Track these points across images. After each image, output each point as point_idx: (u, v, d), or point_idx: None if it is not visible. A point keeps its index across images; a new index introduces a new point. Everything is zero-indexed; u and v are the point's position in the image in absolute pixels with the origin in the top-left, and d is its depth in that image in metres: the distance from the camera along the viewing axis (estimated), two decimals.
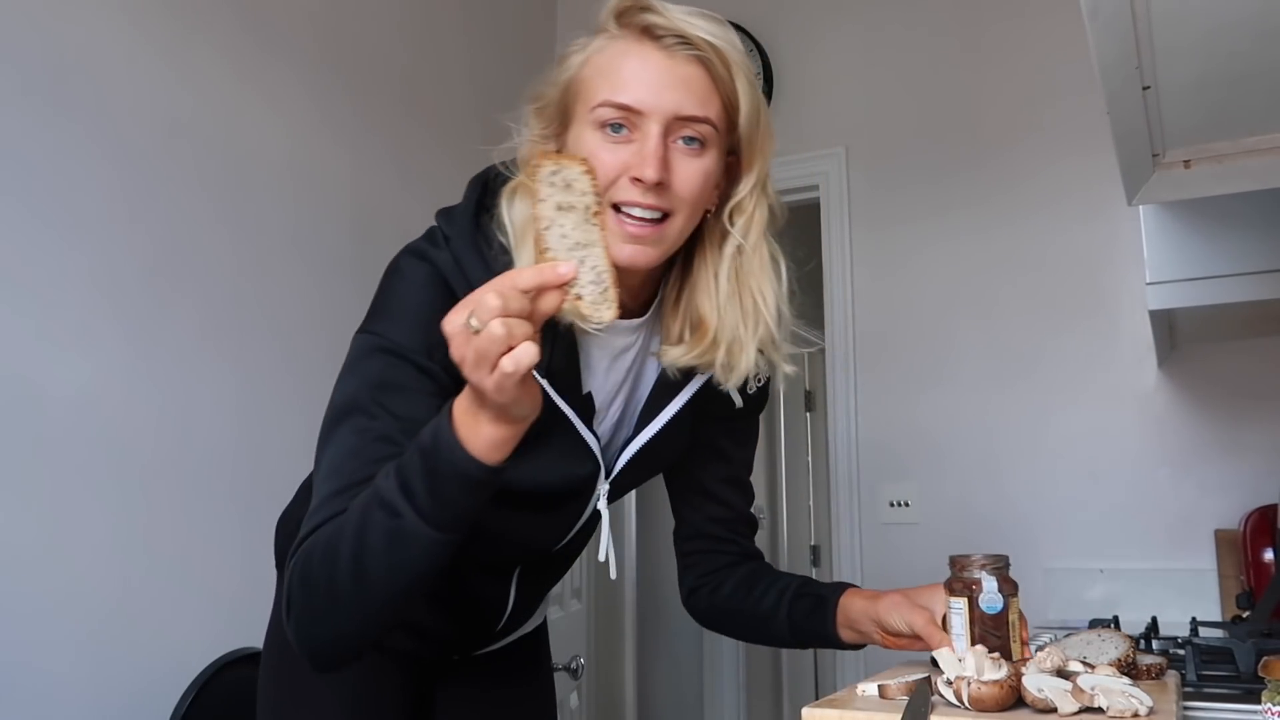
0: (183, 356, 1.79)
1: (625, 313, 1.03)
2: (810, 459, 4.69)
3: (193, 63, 1.86)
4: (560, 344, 0.99)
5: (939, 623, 1.05)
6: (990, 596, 0.99)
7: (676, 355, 1.02)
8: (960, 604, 1.00)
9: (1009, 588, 1.00)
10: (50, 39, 1.60)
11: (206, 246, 1.86)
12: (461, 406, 0.82)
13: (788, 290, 1.05)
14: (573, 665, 2.28)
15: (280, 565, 1.22)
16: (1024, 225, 2.58)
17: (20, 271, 1.53)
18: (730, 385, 1.04)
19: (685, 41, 0.94)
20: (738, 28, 2.94)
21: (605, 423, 1.09)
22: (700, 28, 0.95)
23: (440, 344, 0.85)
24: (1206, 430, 2.35)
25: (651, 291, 1.06)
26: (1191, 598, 2.25)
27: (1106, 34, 1.01)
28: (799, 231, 3.13)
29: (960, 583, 1.01)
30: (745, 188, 1.02)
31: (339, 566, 0.84)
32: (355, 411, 0.93)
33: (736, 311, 1.02)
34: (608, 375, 1.06)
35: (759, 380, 1.08)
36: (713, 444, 1.21)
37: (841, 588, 1.16)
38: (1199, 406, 2.37)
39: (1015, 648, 0.99)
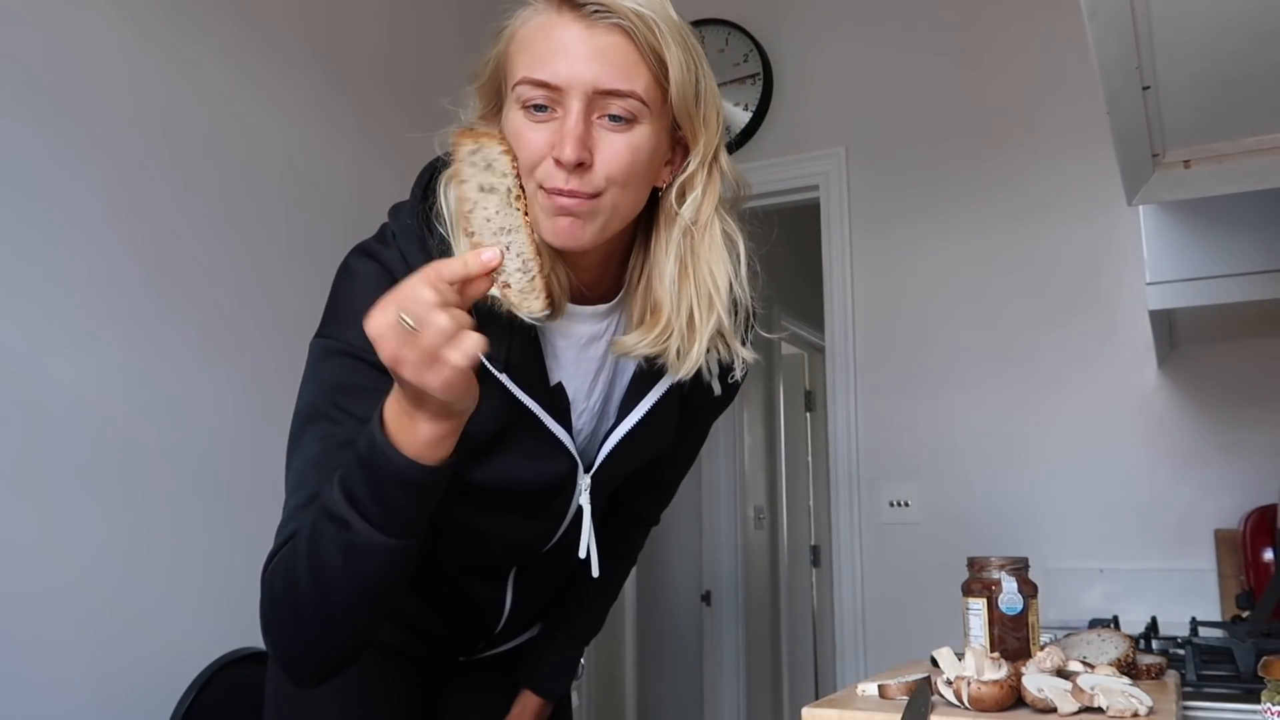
0: (182, 357, 1.79)
1: (589, 299, 1.00)
2: (810, 459, 4.70)
3: (190, 63, 1.86)
4: (519, 336, 0.94)
5: None
6: (1010, 597, 0.99)
7: (631, 343, 0.96)
8: (979, 605, 1.00)
9: (1029, 589, 1.00)
10: (48, 40, 1.60)
11: (206, 247, 1.86)
12: (394, 410, 0.79)
13: (749, 272, 1.00)
14: None
15: None
16: (1024, 225, 2.58)
17: (20, 272, 1.53)
18: (682, 374, 0.98)
19: (606, 9, 0.87)
20: (737, 28, 2.95)
21: (585, 414, 1.05)
22: None
23: None
24: (1206, 430, 2.35)
25: (616, 276, 1.01)
26: (1191, 598, 2.25)
27: (1106, 34, 1.01)
28: (799, 231, 3.14)
29: (979, 584, 1.00)
30: (692, 163, 0.95)
31: (300, 585, 0.83)
32: (317, 419, 0.92)
33: (690, 294, 0.96)
34: (577, 365, 1.02)
35: (745, 368, 1.03)
36: (684, 436, 1.18)
37: (531, 684, 1.24)
38: (1199, 406, 2.37)
39: (1035, 649, 0.99)
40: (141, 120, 1.75)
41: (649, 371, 1.02)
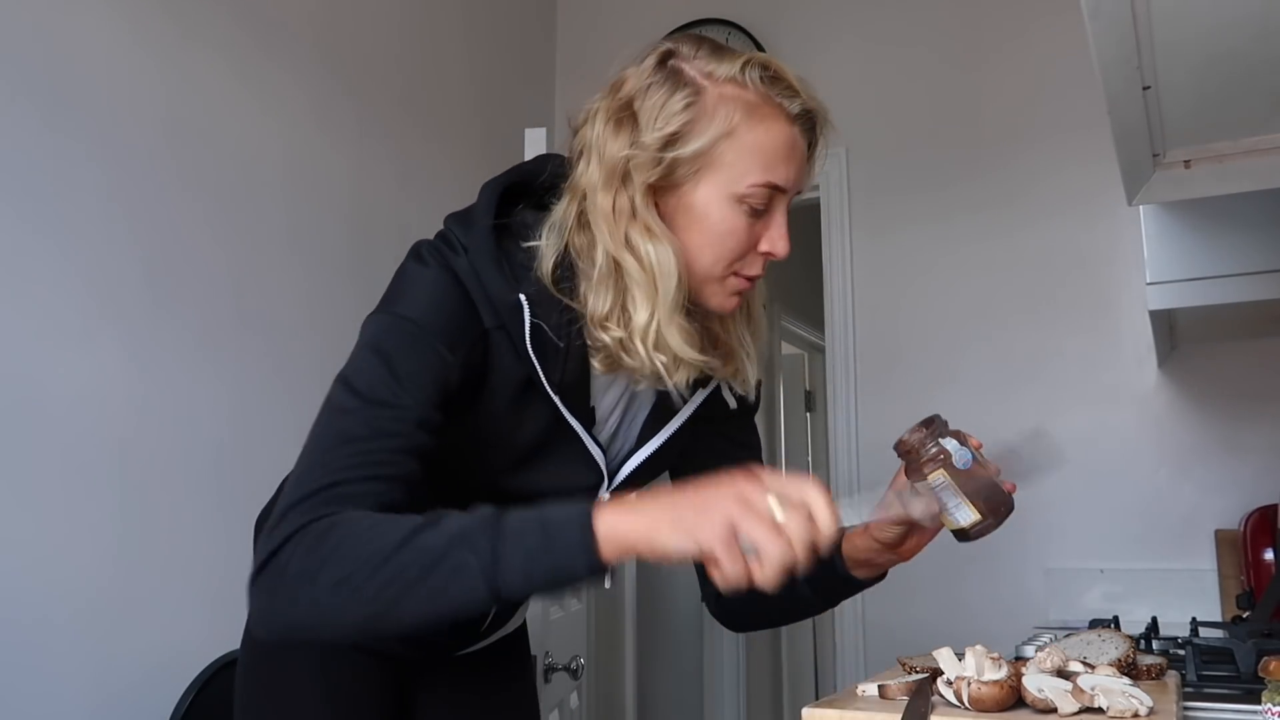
0: (182, 356, 1.79)
1: None
2: (810, 459, 4.69)
3: (191, 63, 1.86)
4: (573, 359, 1.00)
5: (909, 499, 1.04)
6: (960, 454, 0.99)
7: (719, 374, 1.10)
8: (941, 478, 0.99)
9: (961, 436, 1.00)
10: (49, 39, 1.60)
11: (205, 246, 1.86)
12: (623, 510, 0.82)
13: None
14: (573, 665, 2.28)
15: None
16: (1024, 225, 2.58)
17: (20, 272, 1.53)
18: (741, 389, 1.12)
19: (812, 123, 1.01)
20: (738, 28, 2.95)
21: (604, 434, 1.10)
22: (822, 105, 1.02)
23: (460, 342, 0.92)
24: (1206, 430, 2.35)
25: None
26: (1191, 598, 2.25)
27: (1107, 34, 1.01)
28: (799, 231, 3.13)
29: (928, 463, 0.99)
30: None
31: (358, 557, 0.81)
32: (367, 395, 0.92)
33: (745, 331, 1.10)
34: (608, 390, 1.08)
35: (751, 387, 1.14)
36: (715, 447, 1.22)
37: (840, 533, 1.16)
38: (1199, 407, 2.37)
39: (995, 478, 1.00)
40: (141, 120, 1.75)
41: (670, 401, 1.11)
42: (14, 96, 1.54)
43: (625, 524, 0.82)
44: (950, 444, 0.99)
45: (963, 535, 1.01)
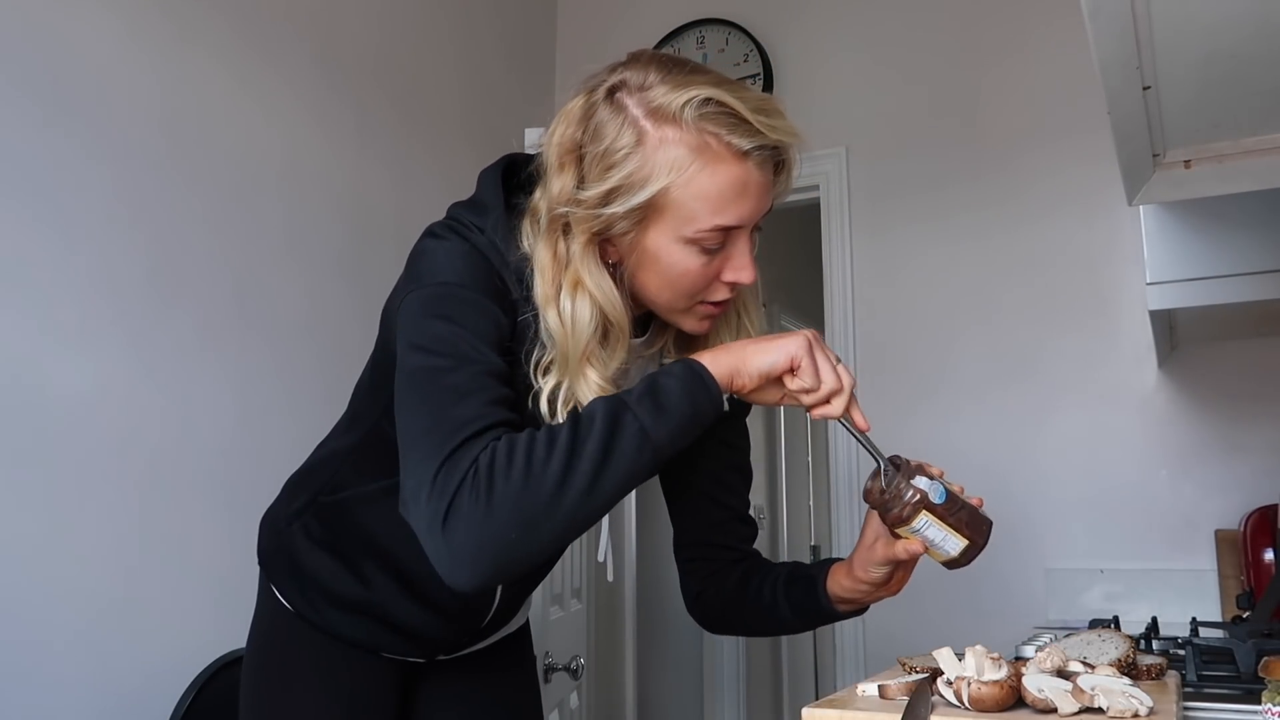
0: (184, 355, 1.79)
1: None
2: (810, 459, 4.70)
3: (191, 63, 1.86)
4: None
5: (891, 540, 1.04)
6: (935, 489, 0.98)
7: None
8: (925, 519, 0.98)
9: (925, 469, 1.00)
10: (49, 39, 1.60)
11: (206, 247, 1.86)
12: (719, 350, 0.94)
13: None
14: (573, 665, 2.28)
15: (263, 564, 1.23)
16: (1024, 225, 2.58)
17: (20, 272, 1.53)
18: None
19: (783, 159, 0.99)
20: (738, 28, 2.95)
21: None
22: (791, 134, 0.97)
23: (506, 304, 0.95)
24: (1206, 430, 2.35)
25: (648, 314, 1.09)
26: (1191, 598, 2.25)
27: (1107, 34, 1.01)
28: (799, 232, 3.13)
29: (907, 507, 0.98)
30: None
31: (555, 451, 0.85)
32: (454, 354, 0.92)
33: (731, 332, 1.10)
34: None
35: None
36: (705, 447, 1.20)
37: (826, 566, 1.15)
38: (1199, 406, 2.37)
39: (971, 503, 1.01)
40: (141, 120, 1.75)
41: None
42: (14, 96, 1.54)
43: (723, 360, 0.93)
44: (922, 482, 0.98)
45: (954, 564, 1.02)
